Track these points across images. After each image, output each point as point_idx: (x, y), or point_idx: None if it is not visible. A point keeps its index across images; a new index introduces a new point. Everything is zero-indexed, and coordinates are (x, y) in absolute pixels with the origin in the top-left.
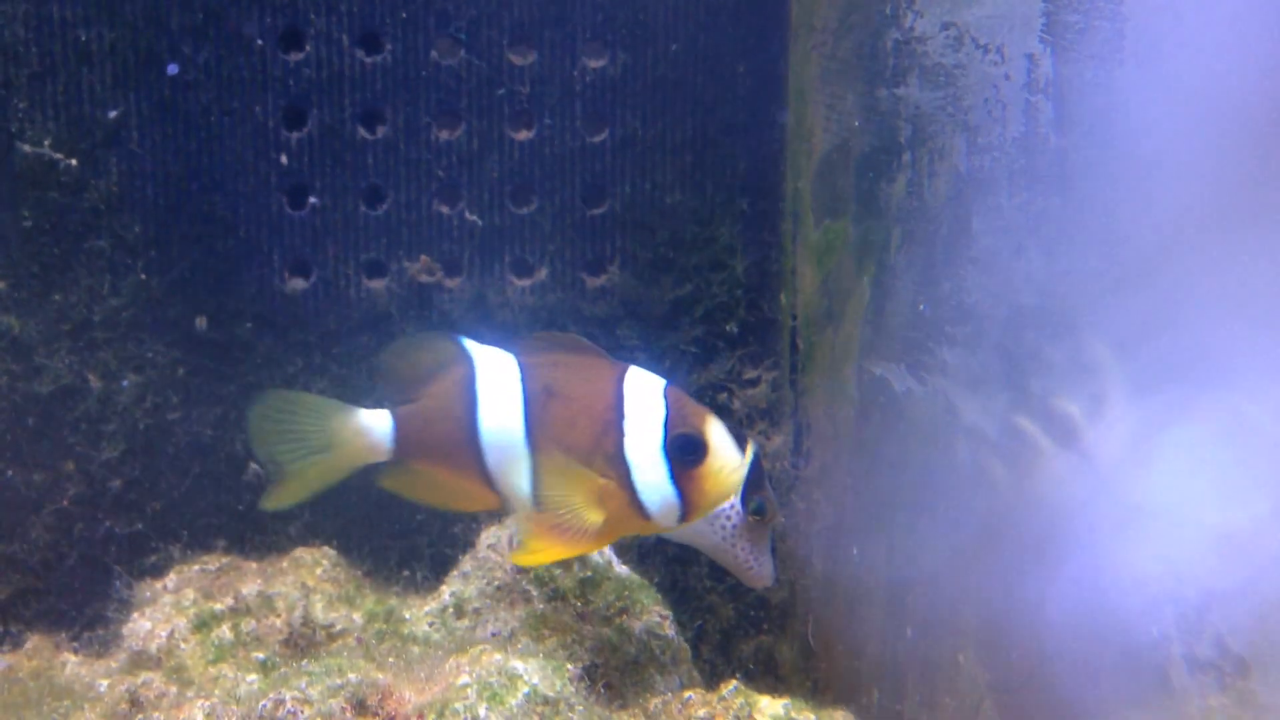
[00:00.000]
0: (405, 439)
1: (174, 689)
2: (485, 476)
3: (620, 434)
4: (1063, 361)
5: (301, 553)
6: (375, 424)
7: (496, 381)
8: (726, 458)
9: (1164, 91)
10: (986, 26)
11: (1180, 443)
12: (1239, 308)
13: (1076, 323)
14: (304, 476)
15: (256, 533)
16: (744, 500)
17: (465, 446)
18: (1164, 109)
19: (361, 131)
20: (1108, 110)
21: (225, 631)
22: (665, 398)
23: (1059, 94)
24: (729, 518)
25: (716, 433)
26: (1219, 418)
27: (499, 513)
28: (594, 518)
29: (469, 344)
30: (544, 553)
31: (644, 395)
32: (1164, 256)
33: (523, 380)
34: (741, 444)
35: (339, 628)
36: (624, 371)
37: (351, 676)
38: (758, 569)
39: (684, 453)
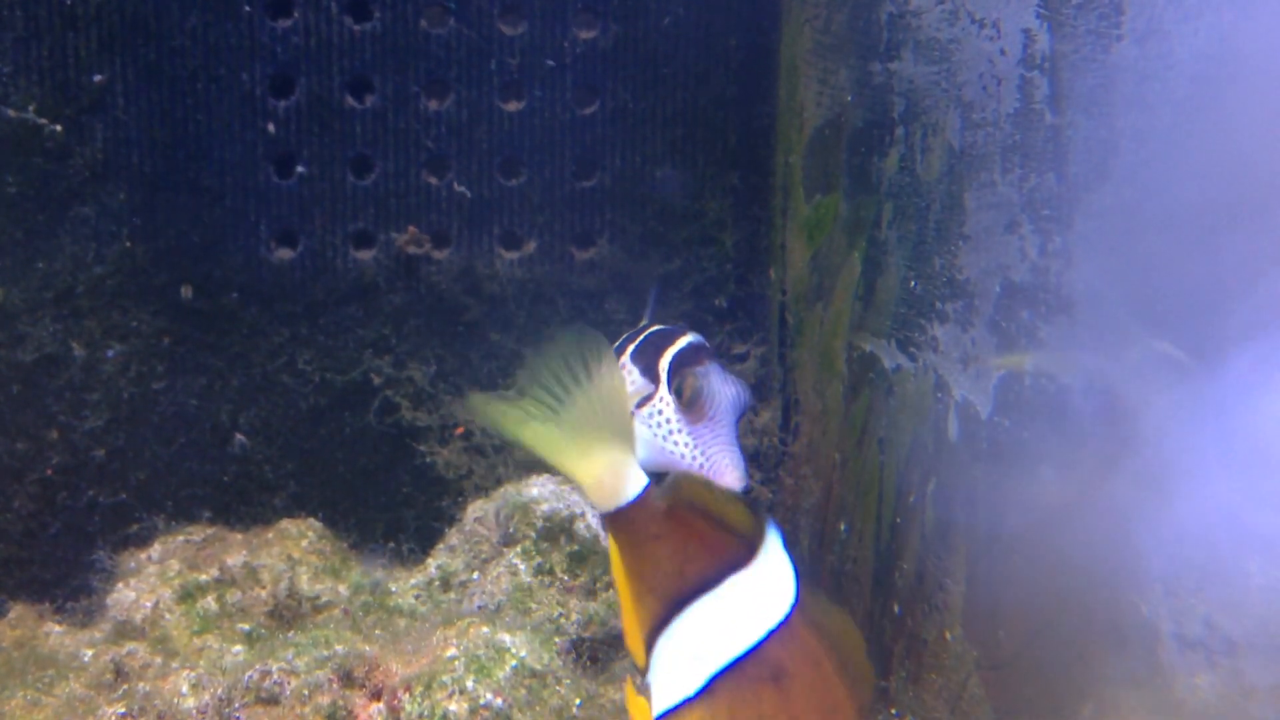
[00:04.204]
0: (628, 518)
1: (159, 659)
2: (650, 641)
3: None
4: (1057, 339)
5: (287, 524)
6: (623, 471)
7: (750, 600)
8: None
9: (1163, 68)
10: (982, 1)
11: None
12: None
13: (1072, 299)
14: (528, 424)
15: (241, 504)
16: (670, 385)
17: (660, 600)
18: (1163, 86)
19: (350, 100)
20: (1105, 87)
21: (210, 602)
22: None
23: (1055, 70)
24: (659, 411)
25: None
26: None
27: (637, 670)
28: None
29: (773, 541)
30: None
31: None
32: None
33: (775, 629)
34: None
35: (324, 600)
36: None
37: (338, 648)
38: (708, 467)
39: None
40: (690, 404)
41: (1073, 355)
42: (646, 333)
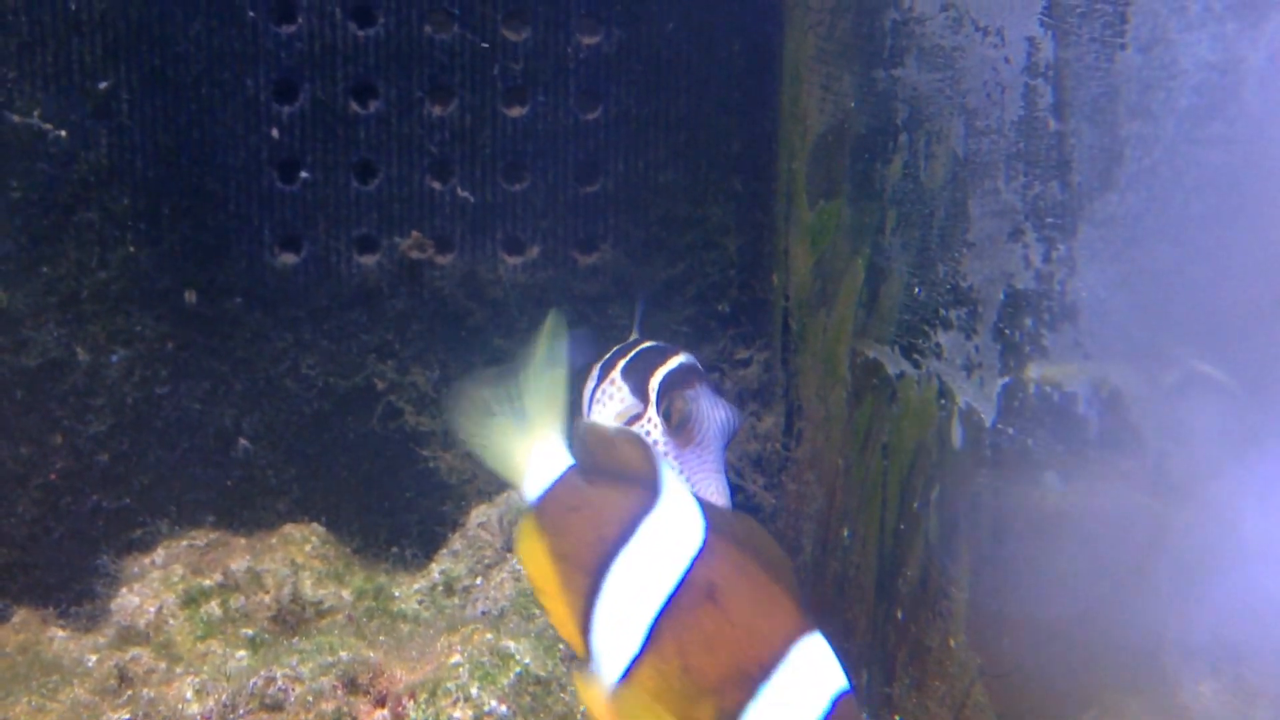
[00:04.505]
0: (551, 500)
1: (163, 664)
2: (585, 621)
3: (750, 699)
4: (1061, 347)
5: (290, 529)
6: (548, 456)
7: (664, 538)
8: None
9: (1167, 77)
10: (987, 8)
11: None
12: None
13: (1076, 307)
14: (480, 429)
15: (245, 509)
16: (659, 406)
17: (585, 572)
18: (1167, 94)
19: (354, 106)
20: (1108, 95)
21: (214, 607)
22: (834, 702)
23: (1059, 78)
24: (647, 432)
25: None
26: None
27: (580, 660)
28: None
29: (668, 476)
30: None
31: (807, 682)
32: None
33: (695, 559)
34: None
35: (328, 605)
36: (804, 634)
37: (343, 655)
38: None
39: None
40: (678, 427)
41: (1120, 370)
42: (638, 348)
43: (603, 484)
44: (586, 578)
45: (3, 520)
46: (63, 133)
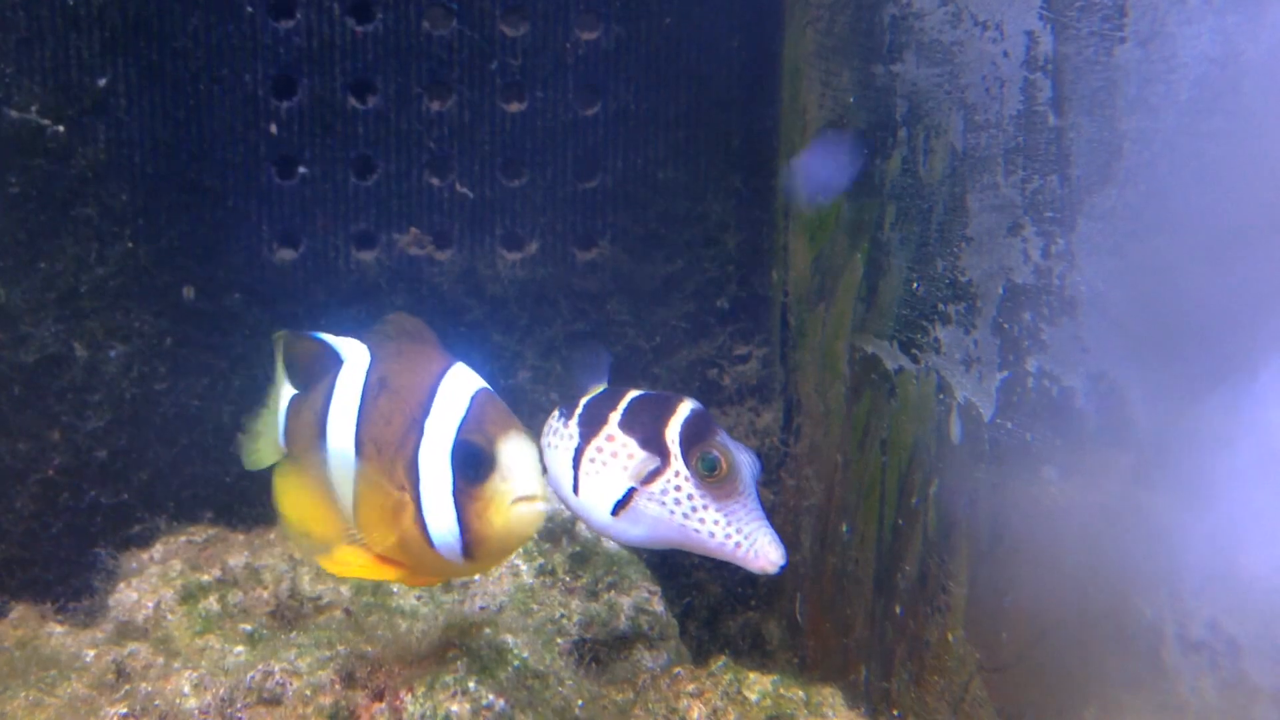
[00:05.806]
0: (289, 428)
1: (161, 660)
2: (330, 487)
3: (420, 435)
4: (1060, 341)
5: None
6: (279, 403)
7: (347, 379)
8: (515, 481)
9: (1166, 70)
10: (985, 3)
11: None
12: None
13: (1076, 301)
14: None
15: (244, 504)
16: (686, 458)
17: (316, 446)
18: (1166, 88)
19: (352, 101)
20: (1108, 89)
21: (212, 603)
22: (472, 400)
23: (1058, 72)
24: (677, 487)
25: (512, 449)
26: None
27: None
28: (387, 538)
29: (330, 341)
30: (349, 567)
31: (453, 395)
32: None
33: (367, 373)
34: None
35: (326, 600)
36: (446, 367)
37: (340, 649)
38: (747, 545)
39: (466, 464)
40: (723, 480)
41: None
42: (628, 399)
43: (312, 386)
44: (319, 453)
45: (1, 516)
46: (61, 128)
